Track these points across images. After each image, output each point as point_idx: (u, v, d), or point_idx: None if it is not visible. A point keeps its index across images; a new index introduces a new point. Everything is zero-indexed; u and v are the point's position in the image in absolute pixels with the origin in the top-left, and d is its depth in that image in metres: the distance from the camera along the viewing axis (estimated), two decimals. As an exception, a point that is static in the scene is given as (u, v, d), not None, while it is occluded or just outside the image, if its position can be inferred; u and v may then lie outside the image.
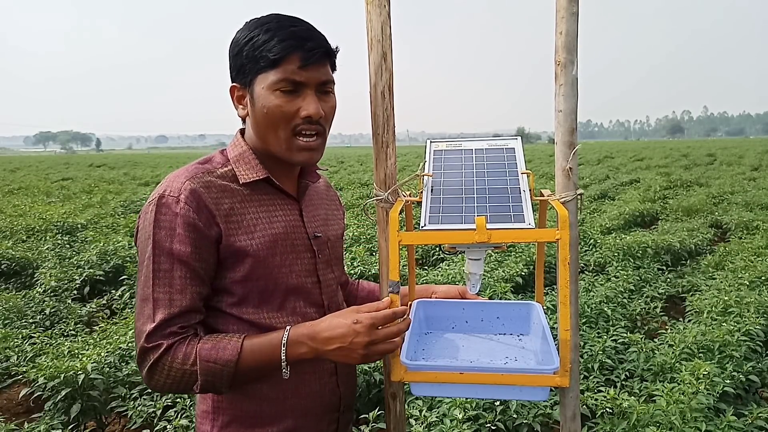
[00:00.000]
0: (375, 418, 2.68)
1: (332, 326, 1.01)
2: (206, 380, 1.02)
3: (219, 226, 1.06)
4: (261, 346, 1.03)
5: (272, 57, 1.04)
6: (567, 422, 1.16)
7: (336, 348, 1.00)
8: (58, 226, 7.90)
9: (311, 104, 1.08)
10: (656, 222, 8.51)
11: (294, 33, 1.05)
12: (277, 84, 1.06)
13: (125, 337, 3.55)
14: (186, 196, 1.04)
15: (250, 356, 1.02)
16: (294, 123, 1.08)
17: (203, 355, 1.01)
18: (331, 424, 1.23)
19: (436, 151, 1.30)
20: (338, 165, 26.64)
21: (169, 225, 1.03)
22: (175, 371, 1.01)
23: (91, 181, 18.98)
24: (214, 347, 1.02)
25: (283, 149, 1.11)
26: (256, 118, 1.10)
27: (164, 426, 2.75)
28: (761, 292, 4.13)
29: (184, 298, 1.03)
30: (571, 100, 1.10)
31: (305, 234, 1.18)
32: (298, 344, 1.03)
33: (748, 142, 56.92)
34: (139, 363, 1.04)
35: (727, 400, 2.84)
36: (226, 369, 1.01)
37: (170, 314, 1.02)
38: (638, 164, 21.72)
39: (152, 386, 1.04)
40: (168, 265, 1.03)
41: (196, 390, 1.03)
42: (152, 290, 1.02)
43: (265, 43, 1.05)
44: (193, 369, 1.01)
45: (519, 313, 1.35)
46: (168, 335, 1.02)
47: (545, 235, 1.06)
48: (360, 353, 1.00)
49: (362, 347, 1.00)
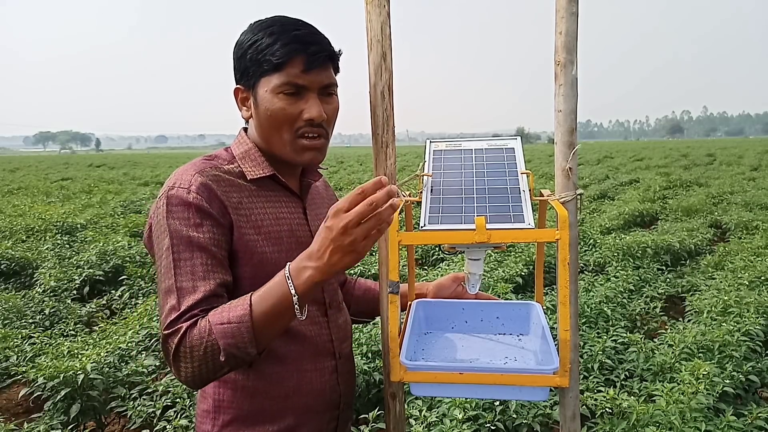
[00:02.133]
0: (375, 418, 2.69)
1: (317, 240, 0.95)
2: (228, 344, 0.95)
3: (231, 216, 1.06)
4: (268, 289, 0.98)
5: (275, 61, 1.05)
6: (567, 422, 1.16)
7: (330, 253, 0.93)
8: (57, 226, 7.89)
9: (314, 107, 1.08)
10: (656, 222, 8.51)
11: (297, 37, 1.06)
12: (281, 87, 1.06)
13: (125, 337, 3.55)
14: (197, 188, 1.04)
15: (262, 304, 0.97)
16: (297, 125, 1.09)
17: (215, 320, 0.97)
18: (331, 422, 1.23)
19: (436, 151, 1.30)
20: (338, 165, 26.65)
21: (183, 214, 1.02)
22: (196, 350, 0.96)
23: (90, 181, 18.98)
24: (224, 310, 0.98)
25: (287, 151, 1.11)
26: (260, 120, 1.11)
27: (164, 426, 2.75)
28: (761, 292, 4.13)
29: (207, 284, 1.01)
30: (570, 100, 1.10)
31: (309, 232, 1.19)
32: (300, 270, 0.96)
33: (748, 142, 56.95)
34: (165, 356, 1.00)
35: (726, 400, 2.84)
36: (242, 325, 0.96)
37: (195, 300, 0.99)
38: (638, 164, 21.73)
39: (185, 379, 0.99)
40: (188, 253, 1.01)
41: (223, 361, 0.97)
42: (175, 280, 1.00)
43: (268, 46, 1.05)
44: (211, 338, 0.96)
45: (519, 313, 1.35)
46: (188, 318, 0.98)
47: (545, 235, 1.06)
48: (349, 245, 0.92)
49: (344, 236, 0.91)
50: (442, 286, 1.41)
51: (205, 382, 1.01)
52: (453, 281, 1.41)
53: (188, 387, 1.03)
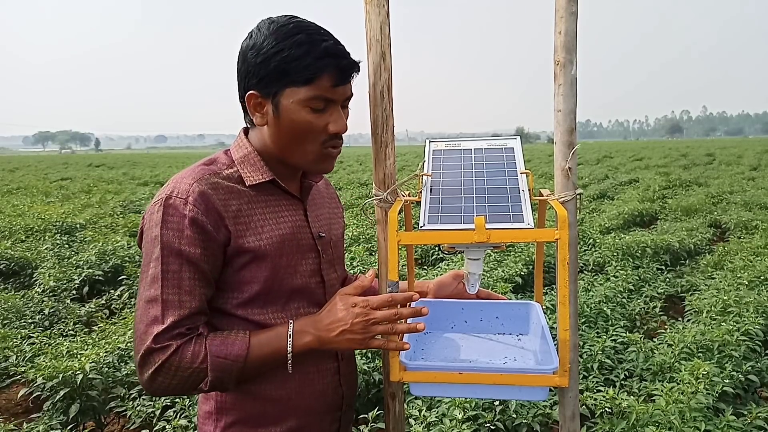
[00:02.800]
0: (374, 418, 2.69)
1: (332, 311, 1.06)
2: (216, 376, 1.01)
3: (228, 228, 1.06)
4: (268, 338, 1.05)
5: (308, 75, 1.03)
6: (566, 422, 1.16)
7: (339, 332, 1.04)
8: (57, 226, 7.89)
9: (339, 121, 1.09)
10: (655, 222, 8.51)
11: (328, 50, 1.04)
12: (309, 101, 1.05)
13: (124, 337, 3.55)
14: (195, 198, 1.03)
15: (258, 350, 1.04)
16: (322, 138, 1.09)
17: (213, 351, 1.01)
18: (333, 423, 1.23)
19: (435, 150, 1.30)
20: (337, 165, 26.65)
21: (178, 226, 1.02)
22: (183, 371, 1.00)
23: (90, 181, 18.97)
24: (223, 343, 1.03)
25: (308, 161, 1.12)
26: (280, 130, 1.09)
27: (163, 426, 2.75)
28: (760, 291, 4.13)
29: (193, 300, 1.03)
30: (570, 99, 1.10)
31: (310, 234, 1.18)
32: (303, 333, 1.06)
33: (747, 141, 57.00)
34: (141, 365, 1.01)
35: (726, 400, 2.84)
36: (236, 364, 1.02)
37: (180, 316, 1.01)
38: (637, 164, 21.74)
39: (153, 388, 1.01)
40: (177, 266, 1.02)
41: (204, 388, 1.02)
42: (161, 291, 1.01)
43: (299, 58, 1.02)
44: (203, 366, 1.01)
45: (518, 312, 1.35)
46: (176, 336, 1.01)
47: (544, 234, 1.06)
48: (361, 334, 1.04)
49: (361, 327, 1.03)
50: (443, 283, 1.42)
51: (168, 395, 1.06)
52: (454, 278, 1.41)
53: (148, 393, 1.06)
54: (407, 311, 1.06)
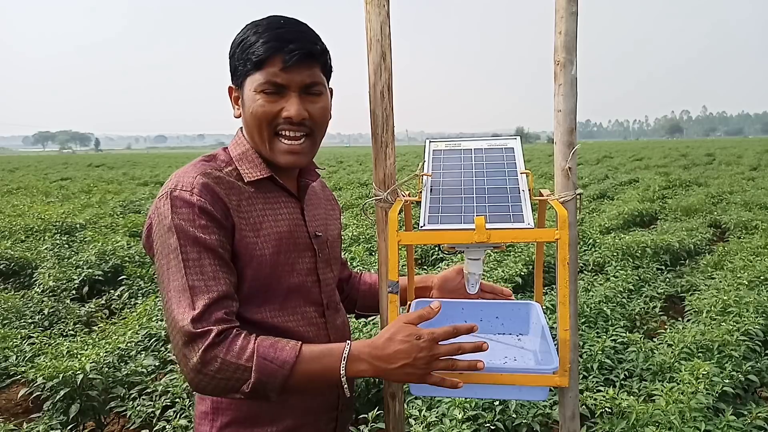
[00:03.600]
0: (374, 418, 2.68)
1: (393, 341, 0.99)
2: (259, 380, 0.96)
3: (232, 219, 1.06)
4: (321, 354, 1.00)
5: (255, 59, 1.05)
6: (566, 422, 1.16)
7: (400, 366, 0.97)
8: (56, 226, 7.88)
9: (292, 106, 1.08)
10: (655, 222, 8.52)
11: (279, 35, 1.05)
12: (261, 86, 1.07)
13: (124, 337, 3.55)
14: (200, 189, 1.04)
15: (308, 363, 0.99)
16: (275, 123, 1.09)
17: (261, 352, 0.97)
18: (330, 423, 1.23)
19: (435, 151, 1.30)
20: (337, 165, 26.64)
21: (189, 216, 1.02)
22: (228, 365, 0.96)
23: (89, 180, 18.96)
24: (273, 346, 0.98)
25: (267, 150, 1.12)
26: (245, 119, 1.12)
27: (163, 426, 2.75)
28: (760, 291, 4.13)
29: (218, 285, 1.01)
30: (570, 99, 1.10)
31: (306, 233, 1.18)
32: (359, 361, 0.99)
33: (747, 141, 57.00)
34: (185, 356, 0.97)
35: (726, 400, 2.84)
36: (282, 370, 0.97)
37: (210, 299, 0.98)
38: (637, 164, 21.75)
39: (197, 382, 0.97)
40: (196, 254, 1.01)
41: (246, 390, 0.97)
42: (186, 279, 0.99)
43: (251, 45, 1.06)
44: (248, 365, 0.96)
45: (518, 312, 1.35)
46: (215, 321, 0.97)
47: (544, 234, 1.06)
48: (422, 370, 0.98)
49: (425, 363, 0.97)
50: (447, 278, 1.42)
51: (208, 392, 1.01)
52: (458, 274, 1.41)
53: (194, 389, 1.02)
54: (469, 346, 1.00)
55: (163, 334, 3.70)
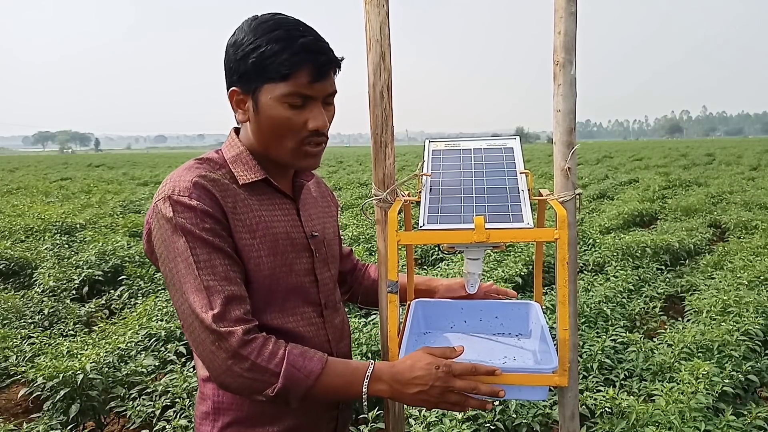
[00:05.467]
0: (374, 418, 2.68)
1: (414, 368, 1.03)
2: (285, 386, 0.99)
3: (228, 221, 1.06)
4: (345, 369, 1.04)
5: (284, 71, 1.02)
6: (566, 422, 1.16)
7: (416, 392, 1.02)
8: (56, 226, 7.88)
9: (319, 117, 1.07)
10: (655, 222, 8.51)
11: (305, 46, 1.03)
12: (287, 97, 1.04)
13: (124, 337, 3.55)
14: (197, 193, 1.03)
15: (332, 376, 1.02)
16: (302, 135, 1.08)
17: (290, 359, 1.00)
18: (330, 422, 1.23)
19: (435, 150, 1.30)
20: (337, 165, 26.64)
21: (192, 219, 1.01)
22: (257, 367, 0.98)
23: (89, 180, 18.96)
24: (302, 355, 1.02)
25: (288, 158, 1.10)
26: (260, 126, 1.08)
27: (163, 426, 2.75)
28: (760, 291, 4.13)
29: (231, 284, 1.01)
30: (569, 99, 1.10)
31: (303, 233, 1.18)
32: (380, 381, 1.04)
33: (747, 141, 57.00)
34: (212, 353, 0.98)
35: (726, 400, 2.84)
36: (307, 380, 1.00)
37: (226, 298, 0.99)
38: (637, 164, 21.74)
39: (223, 379, 1.00)
40: (206, 255, 1.01)
41: (270, 393, 0.99)
42: (200, 279, 0.99)
43: (275, 54, 1.02)
44: (277, 371, 0.99)
45: (518, 312, 1.35)
46: (236, 321, 0.99)
47: (544, 234, 1.06)
48: (435, 398, 1.02)
49: (439, 392, 1.02)
50: (451, 288, 1.43)
51: (233, 390, 1.02)
52: (462, 288, 1.41)
53: (217, 384, 1.03)
54: (485, 389, 1.03)
55: (163, 334, 3.69)
